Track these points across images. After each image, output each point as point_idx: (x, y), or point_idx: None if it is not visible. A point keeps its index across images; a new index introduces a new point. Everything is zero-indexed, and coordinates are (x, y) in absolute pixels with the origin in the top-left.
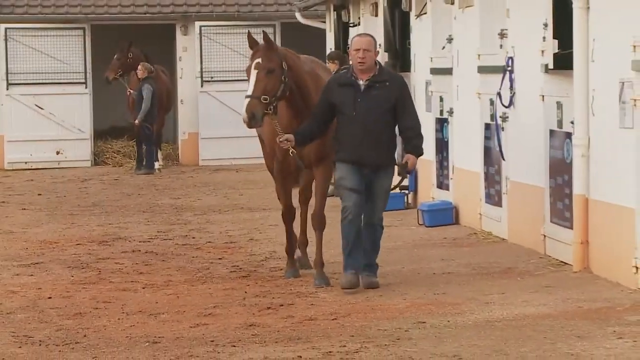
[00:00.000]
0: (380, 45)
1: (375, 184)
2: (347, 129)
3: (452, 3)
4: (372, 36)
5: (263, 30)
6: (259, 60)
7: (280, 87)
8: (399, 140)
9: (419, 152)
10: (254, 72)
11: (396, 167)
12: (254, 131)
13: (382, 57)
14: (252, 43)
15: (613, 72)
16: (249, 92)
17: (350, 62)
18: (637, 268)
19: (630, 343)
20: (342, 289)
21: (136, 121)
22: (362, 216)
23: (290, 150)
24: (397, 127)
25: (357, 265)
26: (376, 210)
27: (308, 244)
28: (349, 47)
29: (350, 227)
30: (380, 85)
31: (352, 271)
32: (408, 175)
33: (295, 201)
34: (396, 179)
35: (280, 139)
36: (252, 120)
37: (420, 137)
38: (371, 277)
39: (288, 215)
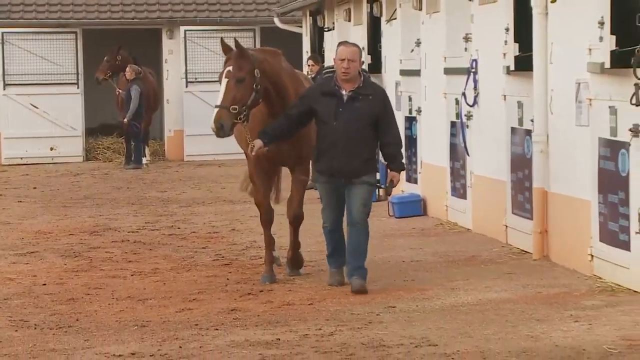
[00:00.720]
0: (363, 48)
1: (352, 192)
2: (326, 139)
3: (420, 9)
4: (357, 46)
5: (234, 38)
6: (230, 68)
7: (252, 95)
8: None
9: (401, 168)
10: (224, 81)
11: (382, 187)
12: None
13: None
14: (226, 49)
15: (570, 73)
16: (218, 102)
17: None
18: (592, 256)
19: (586, 326)
20: (329, 285)
21: (125, 119)
22: (344, 220)
23: (265, 150)
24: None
25: (340, 263)
26: (355, 212)
27: (300, 246)
28: (323, 50)
29: (330, 237)
30: (363, 98)
31: (335, 269)
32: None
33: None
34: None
35: (252, 151)
36: (220, 131)
37: (400, 154)
38: (359, 280)
39: (266, 218)
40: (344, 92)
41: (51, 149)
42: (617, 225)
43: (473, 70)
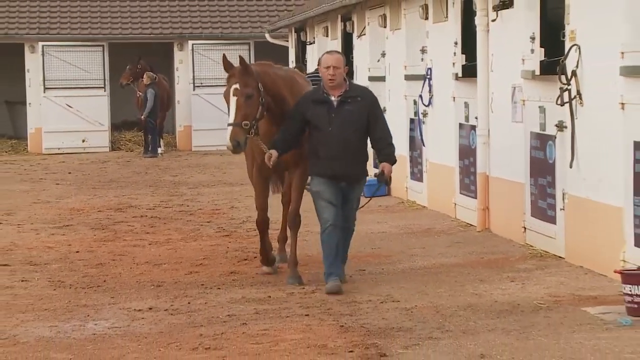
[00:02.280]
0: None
1: (351, 195)
2: (322, 144)
3: (385, 26)
4: (340, 53)
5: (239, 55)
6: (237, 86)
7: (259, 109)
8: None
9: (392, 160)
10: (233, 99)
11: (373, 176)
12: None
13: None
14: (228, 66)
15: (507, 79)
16: (231, 120)
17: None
18: (525, 228)
19: (520, 285)
20: (327, 294)
21: (142, 117)
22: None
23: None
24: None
25: (338, 271)
26: (351, 216)
27: (287, 241)
28: (306, 60)
29: (331, 238)
30: (352, 101)
31: (335, 278)
32: (387, 183)
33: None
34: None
35: (269, 160)
36: (236, 148)
37: (391, 147)
38: (341, 274)
39: (262, 224)
40: (333, 98)
41: (83, 141)
42: (545, 203)
43: (428, 76)
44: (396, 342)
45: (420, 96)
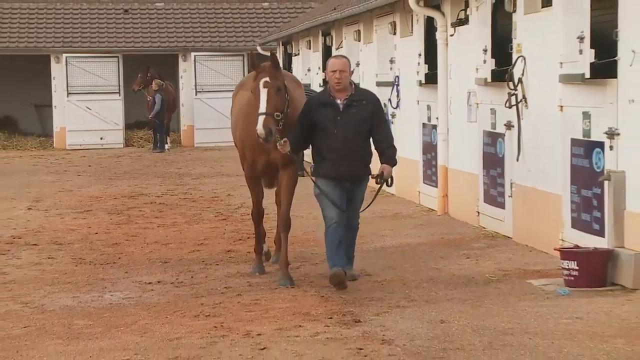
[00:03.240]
0: (319, 68)
1: (355, 194)
2: (327, 146)
3: (359, 40)
4: (346, 58)
5: (271, 52)
6: (267, 79)
7: (286, 104)
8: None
9: (393, 162)
10: (264, 90)
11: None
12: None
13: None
14: (254, 64)
15: (463, 85)
16: (262, 109)
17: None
18: (478, 212)
19: (474, 261)
20: (331, 284)
21: (150, 117)
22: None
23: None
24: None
25: (342, 263)
26: (355, 215)
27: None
28: (291, 70)
29: (334, 234)
30: (357, 104)
31: (338, 268)
32: (387, 184)
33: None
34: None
35: (282, 147)
36: (268, 136)
37: (392, 149)
38: (350, 269)
39: (257, 216)
40: (339, 101)
41: (101, 138)
42: (495, 191)
43: (396, 83)
44: (369, 310)
45: (390, 100)
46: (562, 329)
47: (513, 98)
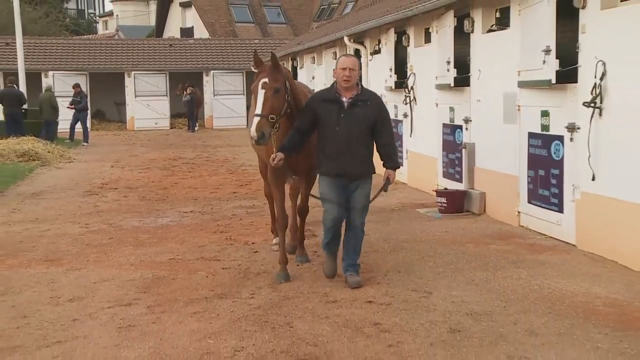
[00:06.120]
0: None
1: (356, 193)
2: (330, 143)
3: (314, 63)
4: (355, 57)
5: (272, 52)
6: (266, 80)
7: (284, 105)
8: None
9: (396, 167)
10: (261, 92)
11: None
12: (239, 114)
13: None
14: (258, 62)
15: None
16: (258, 111)
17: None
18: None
19: (385, 198)
20: (325, 273)
21: (186, 109)
22: (345, 221)
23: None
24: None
25: (334, 252)
26: (357, 215)
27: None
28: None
29: (331, 230)
30: (362, 104)
31: (332, 255)
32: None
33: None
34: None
35: (274, 161)
36: (261, 139)
37: (396, 153)
38: (354, 276)
39: (282, 222)
40: (344, 99)
41: (155, 123)
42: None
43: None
44: (319, 226)
45: None
46: (437, 238)
47: (407, 98)
